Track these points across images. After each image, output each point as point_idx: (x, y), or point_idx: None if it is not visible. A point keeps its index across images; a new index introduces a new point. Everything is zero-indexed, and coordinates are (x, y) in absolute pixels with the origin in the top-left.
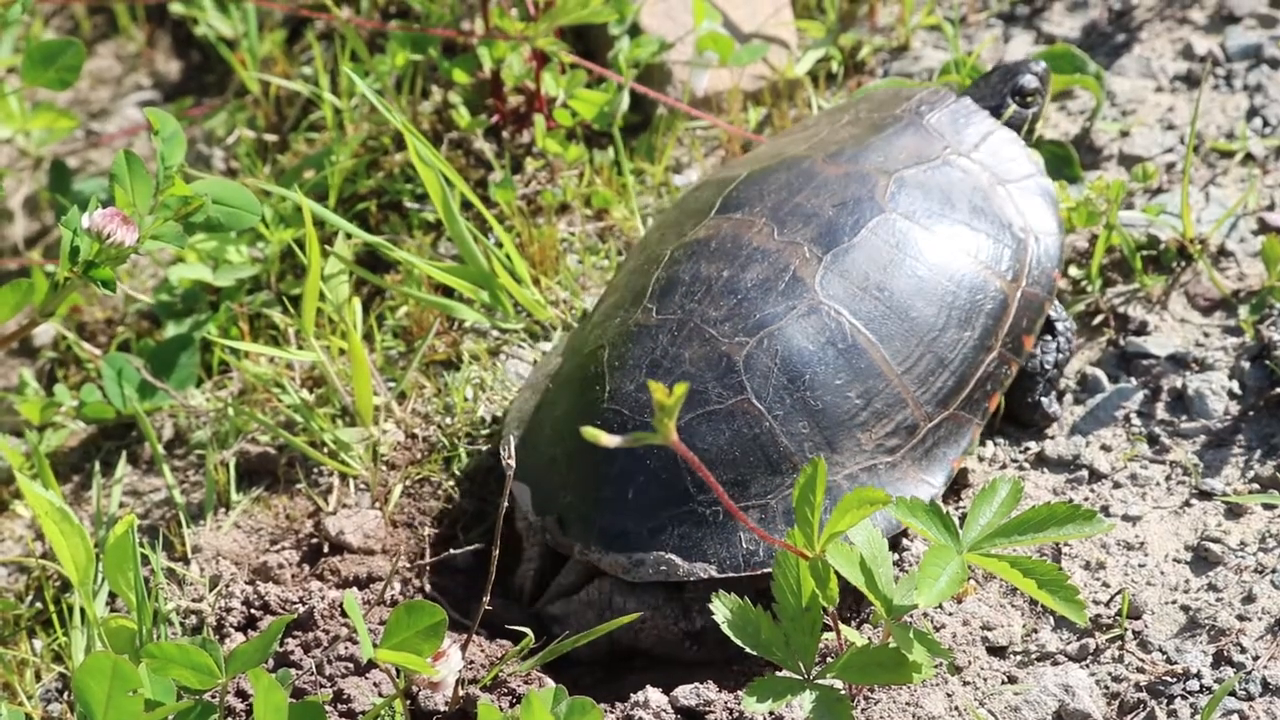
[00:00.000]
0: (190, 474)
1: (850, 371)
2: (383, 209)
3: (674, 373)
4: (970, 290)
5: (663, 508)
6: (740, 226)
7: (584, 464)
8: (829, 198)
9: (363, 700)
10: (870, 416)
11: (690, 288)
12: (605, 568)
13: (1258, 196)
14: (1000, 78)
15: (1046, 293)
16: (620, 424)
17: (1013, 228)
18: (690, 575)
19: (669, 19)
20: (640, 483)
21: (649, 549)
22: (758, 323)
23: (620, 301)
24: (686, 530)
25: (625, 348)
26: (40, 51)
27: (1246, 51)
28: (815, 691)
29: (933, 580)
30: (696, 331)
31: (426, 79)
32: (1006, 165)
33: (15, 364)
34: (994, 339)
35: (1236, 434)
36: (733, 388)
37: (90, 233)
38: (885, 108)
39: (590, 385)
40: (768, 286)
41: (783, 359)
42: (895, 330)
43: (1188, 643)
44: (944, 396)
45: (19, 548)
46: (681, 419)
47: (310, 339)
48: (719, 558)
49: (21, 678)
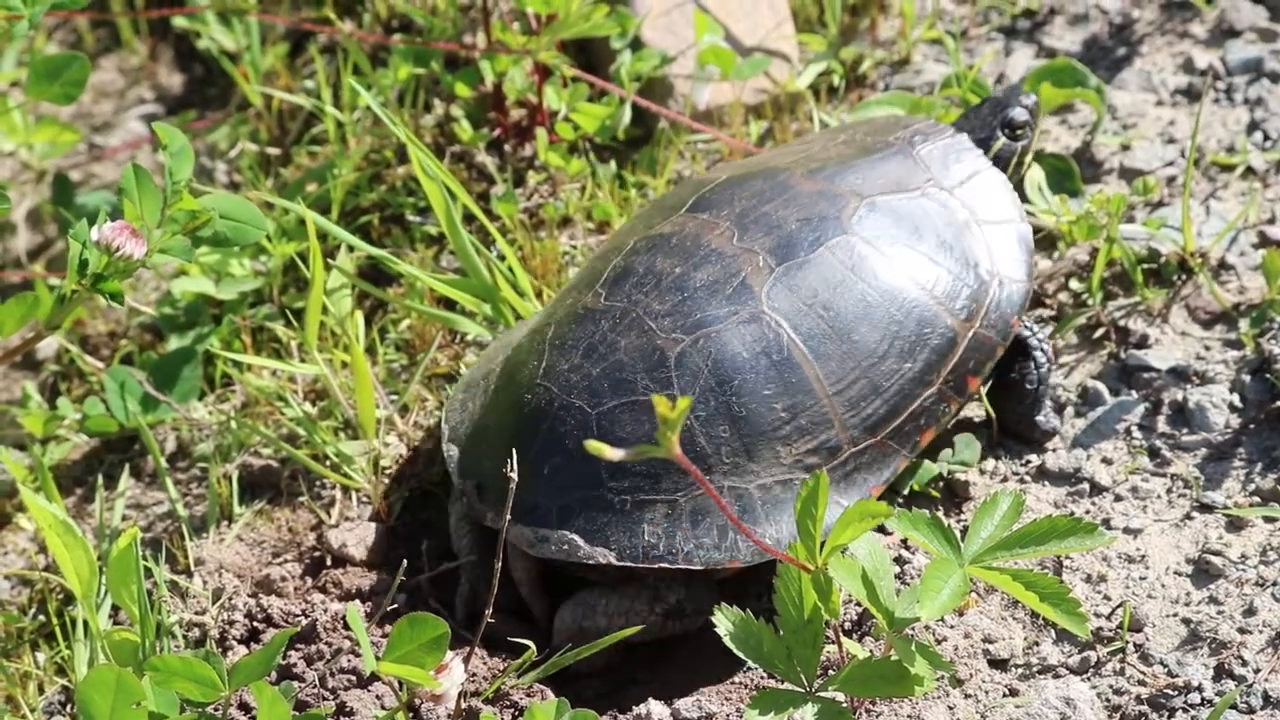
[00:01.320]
0: (193, 487)
1: (780, 384)
2: (385, 222)
3: (607, 359)
4: (918, 322)
5: (575, 489)
6: (704, 227)
7: (508, 436)
8: (796, 211)
9: (365, 713)
10: (793, 431)
11: (641, 279)
12: (511, 539)
13: (1258, 210)
14: (990, 110)
15: (1001, 337)
16: (547, 401)
17: (978, 268)
18: (589, 558)
19: (670, 33)
20: (556, 463)
21: (555, 526)
22: (697, 322)
23: (577, 283)
24: (594, 515)
25: (568, 328)
26: (45, 66)
27: (1247, 65)
28: (817, 704)
29: (935, 593)
30: (637, 322)
31: (429, 93)
32: (987, 206)
33: (18, 377)
34: (935, 375)
35: (1237, 447)
36: (661, 382)
37: (99, 246)
38: (881, 133)
39: (530, 360)
40: (715, 288)
41: (714, 361)
42: (833, 350)
43: (1189, 656)
44: (873, 424)
45: (22, 561)
46: (604, 404)
47: (313, 352)
48: (620, 545)
49: (25, 690)
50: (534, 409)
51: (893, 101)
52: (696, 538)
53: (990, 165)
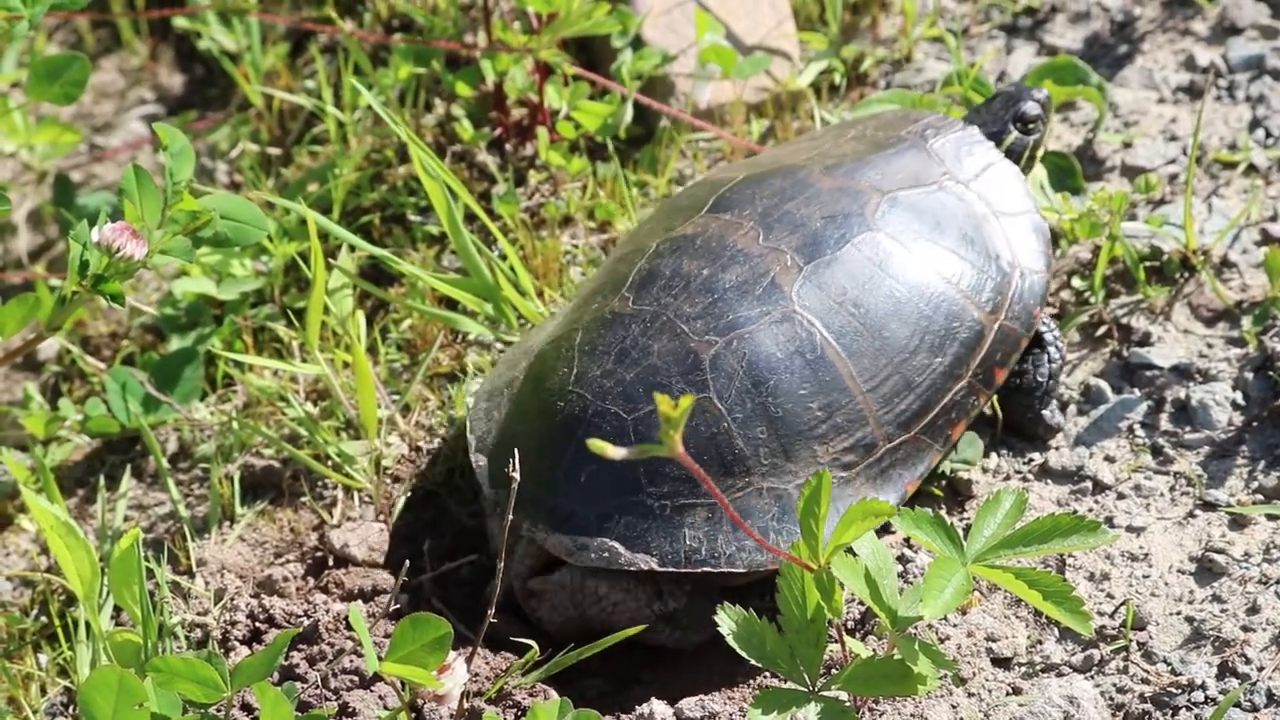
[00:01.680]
0: (195, 487)
1: (815, 383)
2: (386, 222)
3: (641, 363)
4: (946, 317)
5: (613, 495)
6: (727, 227)
7: (541, 444)
8: (819, 209)
9: (368, 713)
10: (829, 430)
11: (669, 281)
12: (550, 548)
13: (1260, 207)
14: (1002, 104)
15: (1025, 329)
16: (581, 408)
17: (1000, 260)
18: (631, 565)
19: (671, 32)
20: (593, 470)
21: (594, 534)
22: (729, 324)
23: (600, 288)
24: (633, 520)
25: (597, 333)
26: (45, 66)
27: (1249, 62)
28: (820, 703)
29: (938, 592)
30: (668, 325)
31: (429, 92)
32: (1003, 198)
33: (19, 378)
34: (965, 368)
35: (1240, 445)
36: (696, 385)
37: (100, 247)
38: (891, 127)
39: (559, 366)
40: (745, 289)
41: (749, 362)
42: (865, 347)
43: (1192, 654)
44: (907, 419)
45: (24, 562)
46: (641, 410)
47: (314, 352)
48: (661, 551)
49: (27, 692)
50: (568, 416)
51: (894, 100)
52: (738, 540)
53: (1002, 157)
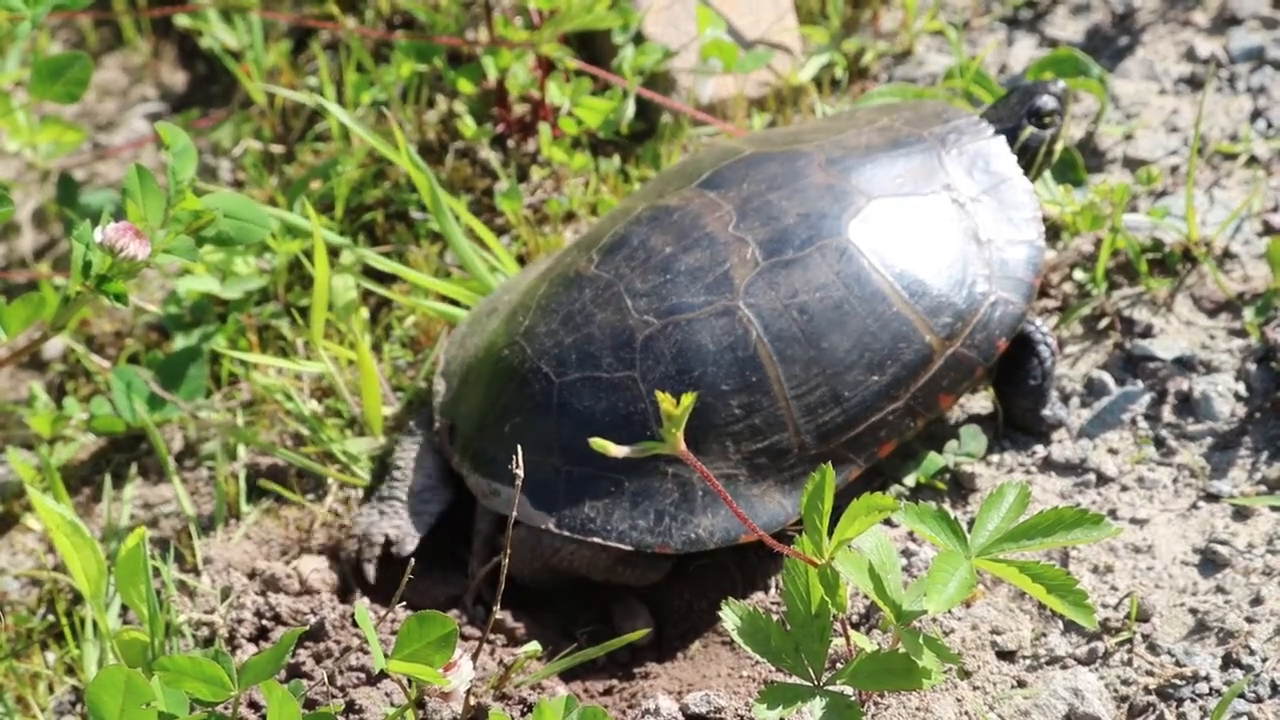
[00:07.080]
0: (200, 486)
1: (739, 380)
2: (390, 218)
3: (581, 330)
4: (893, 336)
5: (530, 452)
6: (706, 206)
7: (483, 386)
8: (799, 204)
9: (374, 711)
10: (745, 429)
11: (634, 252)
12: (469, 486)
13: (1262, 199)
14: (1019, 99)
15: (983, 358)
16: (520, 361)
17: (973, 286)
18: (528, 520)
19: (673, 27)
20: (516, 423)
21: (509, 483)
22: (671, 308)
23: (583, 240)
24: (542, 480)
25: (556, 290)
26: (48, 65)
27: (1249, 53)
28: (825, 698)
29: (942, 586)
30: (616, 298)
31: (432, 89)
32: (1000, 222)
33: (25, 377)
34: (903, 390)
35: (1243, 436)
36: (624, 362)
37: (103, 247)
38: (919, 124)
39: (516, 315)
40: (697, 275)
41: (679, 350)
42: (799, 354)
43: (1196, 645)
44: (828, 431)
45: (31, 561)
46: (568, 376)
47: (319, 350)
48: (559, 514)
49: (34, 690)
50: (507, 365)
51: (895, 94)
52: (633, 519)
53: (1021, 175)
